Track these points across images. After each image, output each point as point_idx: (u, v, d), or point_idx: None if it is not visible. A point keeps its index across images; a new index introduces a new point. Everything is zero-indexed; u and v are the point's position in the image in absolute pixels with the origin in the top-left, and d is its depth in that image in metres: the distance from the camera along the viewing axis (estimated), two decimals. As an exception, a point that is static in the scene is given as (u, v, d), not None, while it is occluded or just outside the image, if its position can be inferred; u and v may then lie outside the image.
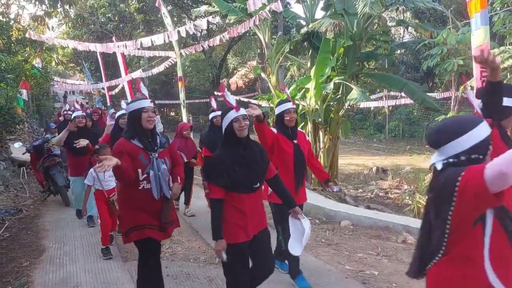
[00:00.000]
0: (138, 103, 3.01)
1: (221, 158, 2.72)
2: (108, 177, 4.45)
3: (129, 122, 3.09)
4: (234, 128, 2.71)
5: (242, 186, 2.71)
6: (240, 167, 2.69)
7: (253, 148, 2.82)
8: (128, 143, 2.95)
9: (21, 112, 12.28)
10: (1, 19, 12.25)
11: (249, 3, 7.80)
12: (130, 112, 3.04)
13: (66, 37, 23.09)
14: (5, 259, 4.60)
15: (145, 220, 2.99)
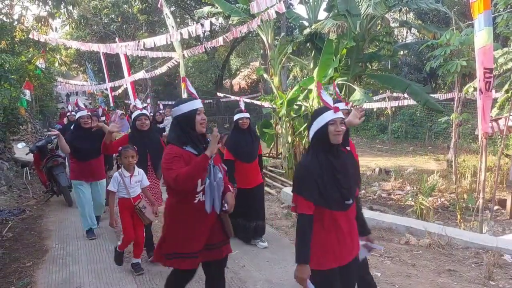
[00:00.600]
0: (189, 104, 2.67)
1: (309, 167, 2.33)
2: (135, 182, 4.02)
3: (178, 126, 2.68)
4: (329, 132, 2.32)
5: (334, 202, 2.32)
6: (332, 179, 2.31)
7: (344, 157, 2.43)
8: (181, 150, 2.59)
9: (24, 112, 12.32)
10: (4, 20, 12.31)
11: (252, 5, 7.81)
12: (180, 114, 2.66)
13: (69, 37, 23.18)
14: (8, 259, 4.61)
15: (195, 247, 2.66)
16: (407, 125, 20.96)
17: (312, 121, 2.42)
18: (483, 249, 4.52)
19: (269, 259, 4.48)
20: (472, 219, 6.68)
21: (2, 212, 6.50)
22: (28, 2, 13.74)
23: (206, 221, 2.65)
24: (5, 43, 12.00)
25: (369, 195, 9.38)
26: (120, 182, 3.96)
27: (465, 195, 8.24)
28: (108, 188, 4.07)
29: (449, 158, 12.09)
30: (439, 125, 17.44)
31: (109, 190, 4.02)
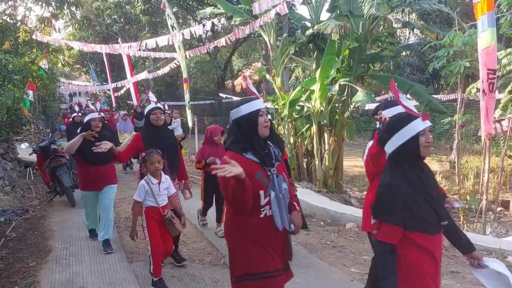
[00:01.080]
0: (251, 105, 2.32)
1: (398, 186, 2.02)
2: (163, 189, 3.72)
3: (238, 130, 2.32)
4: (420, 144, 2.04)
5: (430, 224, 2.03)
6: (424, 198, 2.03)
7: (428, 170, 2.17)
8: (240, 157, 2.21)
9: (27, 113, 12.36)
10: (8, 21, 12.37)
11: (254, 6, 7.81)
12: (241, 116, 2.32)
13: (72, 38, 23.25)
14: (12, 259, 4.63)
15: (270, 265, 2.28)
16: (409, 126, 20.89)
17: (393, 131, 2.12)
18: (486, 250, 4.51)
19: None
20: (475, 221, 6.66)
21: (6, 212, 6.53)
22: (31, 3, 13.82)
23: (276, 238, 2.30)
24: (8, 44, 12.05)
25: (371, 196, 9.36)
26: (147, 190, 3.62)
27: (468, 197, 8.22)
28: (134, 197, 3.71)
29: (452, 159, 12.06)
30: (441, 126, 17.39)
31: (134, 199, 3.69)
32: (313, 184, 9.14)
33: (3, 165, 8.93)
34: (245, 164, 2.15)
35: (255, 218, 2.25)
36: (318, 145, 9.08)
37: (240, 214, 2.27)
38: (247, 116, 2.31)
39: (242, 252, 2.31)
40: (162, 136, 4.07)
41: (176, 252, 4.29)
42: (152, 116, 4.06)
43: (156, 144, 3.86)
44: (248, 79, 2.74)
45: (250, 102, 2.34)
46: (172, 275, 4.05)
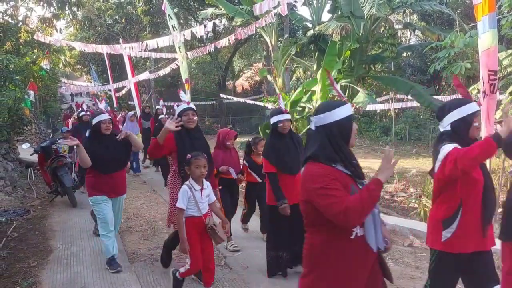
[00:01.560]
0: (345, 109, 2.02)
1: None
2: (205, 197, 3.46)
3: (327, 137, 1.99)
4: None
5: None
6: None
7: None
8: (332, 170, 1.94)
9: (28, 113, 12.38)
10: (9, 21, 12.39)
11: (255, 7, 7.83)
12: (335, 122, 1.99)
13: (74, 39, 23.28)
14: (13, 259, 4.64)
15: None
16: (410, 127, 20.90)
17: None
18: (487, 251, 4.50)
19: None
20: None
21: (7, 212, 6.54)
22: (33, 4, 13.83)
23: (366, 261, 1.98)
24: (10, 44, 12.07)
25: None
26: (190, 197, 3.34)
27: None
28: (177, 205, 3.36)
29: (452, 160, 12.04)
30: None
31: (178, 207, 3.35)
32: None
33: (4, 165, 8.95)
34: (340, 178, 1.91)
35: (345, 241, 1.91)
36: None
37: (332, 238, 1.93)
38: (342, 121, 2.00)
39: (335, 281, 1.95)
40: (195, 139, 3.80)
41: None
42: (184, 117, 3.77)
43: (189, 146, 3.63)
44: (332, 77, 2.56)
45: (344, 106, 2.02)
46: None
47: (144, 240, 5.23)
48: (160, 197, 7.55)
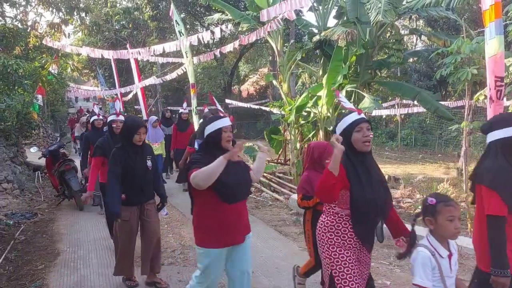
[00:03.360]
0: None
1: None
2: (454, 265, 2.29)
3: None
4: None
5: None
6: None
7: None
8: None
9: (36, 117, 12.52)
10: (19, 27, 12.56)
11: (262, 13, 7.87)
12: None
13: (81, 43, 23.51)
14: (21, 262, 4.69)
15: None
16: (416, 133, 20.83)
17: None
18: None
19: (278, 265, 4.49)
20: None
21: (15, 215, 6.61)
22: (42, 9, 14.02)
23: None
24: (19, 49, 12.23)
25: (378, 203, 9.33)
26: (434, 267, 2.18)
27: (476, 204, 8.16)
28: (417, 282, 2.20)
29: (459, 166, 11.99)
30: (449, 133, 17.33)
31: (419, 285, 2.18)
32: (319, 190, 9.13)
33: (13, 168, 9.05)
34: None
35: None
36: (324, 151, 9.08)
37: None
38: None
39: None
40: (371, 166, 2.75)
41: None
42: (357, 134, 2.91)
43: (366, 180, 2.58)
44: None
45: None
46: (180, 279, 4.08)
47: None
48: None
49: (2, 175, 8.09)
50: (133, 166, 3.72)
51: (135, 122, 3.84)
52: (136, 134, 3.72)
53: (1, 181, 7.95)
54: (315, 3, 9.95)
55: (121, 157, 3.70)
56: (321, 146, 3.61)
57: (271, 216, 6.74)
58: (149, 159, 3.87)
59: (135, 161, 3.75)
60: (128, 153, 3.73)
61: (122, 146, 3.77)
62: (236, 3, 20.47)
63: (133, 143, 3.75)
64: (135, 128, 3.74)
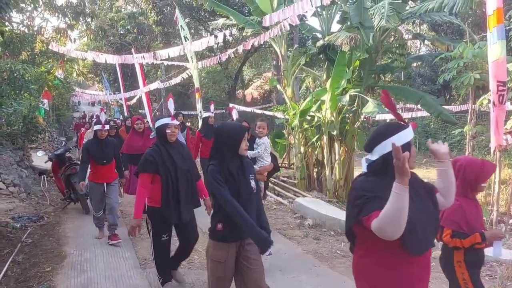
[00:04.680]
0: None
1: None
2: None
3: None
4: None
5: None
6: None
7: None
8: None
9: (42, 121, 12.63)
10: (26, 32, 12.70)
11: (265, 18, 7.94)
12: None
13: (86, 48, 23.70)
14: (28, 264, 4.75)
15: None
16: (420, 137, 20.79)
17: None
18: (497, 262, 4.50)
19: (282, 268, 4.52)
20: (486, 232, 6.62)
21: (22, 219, 6.68)
22: (48, 14, 14.16)
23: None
24: (25, 54, 12.36)
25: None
26: None
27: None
28: None
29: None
30: (453, 137, 17.30)
31: None
32: (323, 194, 9.17)
33: (19, 172, 9.14)
34: None
35: None
36: (328, 155, 9.12)
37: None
38: None
39: None
40: None
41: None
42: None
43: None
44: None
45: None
46: (185, 282, 4.12)
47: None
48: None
49: (9, 178, 8.17)
50: (237, 188, 2.70)
51: (237, 127, 2.83)
52: (242, 141, 2.72)
53: (8, 185, 8.04)
54: (319, 8, 10.01)
55: (223, 176, 2.68)
56: (476, 164, 2.82)
57: (275, 219, 6.77)
58: (252, 178, 2.82)
59: (239, 180, 2.72)
60: (230, 170, 2.71)
61: (220, 162, 2.71)
62: (240, 8, 20.60)
63: (239, 154, 2.75)
64: (240, 134, 2.73)
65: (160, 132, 3.61)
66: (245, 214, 2.58)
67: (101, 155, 5.39)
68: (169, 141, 3.58)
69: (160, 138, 3.60)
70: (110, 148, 5.49)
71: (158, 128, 3.63)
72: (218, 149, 2.75)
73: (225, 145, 2.71)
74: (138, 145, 6.30)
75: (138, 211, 3.54)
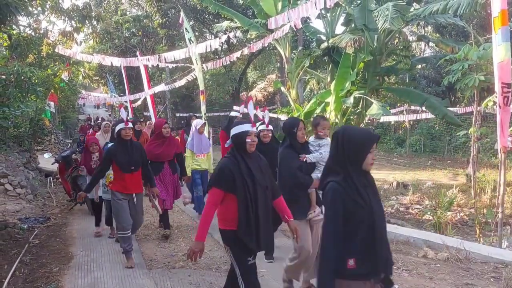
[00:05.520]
0: None
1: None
2: None
3: None
4: None
5: None
6: None
7: None
8: None
9: (48, 123, 12.74)
10: (32, 35, 12.83)
11: (270, 21, 7.99)
12: None
13: (92, 51, 23.88)
14: (36, 265, 4.80)
15: None
16: (425, 139, 20.75)
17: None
18: (502, 263, 4.50)
19: (287, 269, 4.53)
20: (491, 234, 6.61)
21: (29, 220, 6.76)
22: (54, 18, 14.29)
23: None
24: (32, 57, 12.47)
25: (386, 209, 9.34)
26: None
27: (485, 210, 8.14)
28: None
29: (468, 173, 11.94)
30: (458, 139, 17.25)
31: None
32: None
33: (26, 174, 9.22)
34: None
35: None
36: (332, 157, 9.13)
37: None
38: None
39: None
40: None
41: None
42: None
43: None
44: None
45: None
46: (190, 282, 4.15)
47: (160, 248, 5.36)
48: (176, 206, 7.68)
49: (16, 180, 8.25)
50: (370, 212, 2.14)
51: (368, 133, 2.31)
52: (370, 152, 2.22)
53: (15, 186, 8.12)
54: (323, 11, 10.06)
55: (350, 199, 2.14)
56: None
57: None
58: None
59: (370, 204, 2.16)
60: (359, 190, 2.17)
61: (344, 179, 2.17)
62: (245, 11, 20.68)
63: (363, 169, 2.26)
64: (370, 143, 2.23)
65: (238, 140, 2.96)
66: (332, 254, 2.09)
67: (128, 161, 4.53)
68: (248, 152, 2.96)
69: (238, 148, 2.97)
70: (137, 153, 4.65)
71: (237, 135, 2.97)
72: (341, 161, 2.20)
73: (350, 157, 2.18)
74: (157, 153, 5.57)
75: (203, 232, 2.92)
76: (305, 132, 3.71)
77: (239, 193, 2.87)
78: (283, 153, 3.63)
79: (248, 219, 2.87)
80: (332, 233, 2.11)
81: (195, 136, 6.46)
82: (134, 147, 4.65)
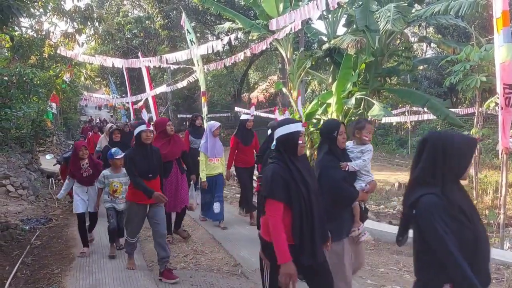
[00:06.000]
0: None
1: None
2: None
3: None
4: None
5: None
6: None
7: None
8: None
9: (50, 125, 12.77)
10: (34, 36, 12.87)
11: (272, 22, 8.00)
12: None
13: (94, 52, 23.95)
14: (37, 266, 4.81)
15: None
16: (427, 140, 20.69)
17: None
18: (504, 265, 4.49)
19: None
20: (493, 236, 6.59)
21: (30, 221, 6.76)
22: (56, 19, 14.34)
23: None
24: (34, 58, 12.52)
25: (388, 210, 9.33)
26: None
27: (487, 211, 8.13)
28: None
29: (470, 174, 11.92)
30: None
31: None
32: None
33: (28, 175, 9.24)
34: None
35: None
36: (334, 158, 9.13)
37: None
38: None
39: None
40: None
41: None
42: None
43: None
44: None
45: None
46: (192, 283, 4.15)
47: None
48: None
49: (18, 181, 8.27)
50: (474, 230, 1.87)
51: (470, 140, 2.01)
52: (469, 166, 2.00)
53: (17, 187, 8.13)
54: (325, 12, 10.06)
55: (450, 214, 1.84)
56: None
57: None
58: None
59: (473, 220, 1.90)
60: (459, 205, 1.90)
61: (441, 191, 1.88)
62: (246, 12, 20.72)
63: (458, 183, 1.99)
64: (472, 152, 1.99)
65: (289, 142, 2.60)
66: (462, 262, 1.74)
67: (146, 167, 4.14)
68: (298, 155, 2.62)
69: (287, 151, 2.59)
70: (156, 158, 4.27)
71: (287, 136, 2.61)
72: (438, 172, 1.89)
73: (449, 167, 1.88)
74: (164, 152, 4.94)
75: (285, 250, 2.44)
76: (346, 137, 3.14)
77: (294, 204, 2.49)
78: (323, 161, 3.03)
79: (304, 230, 2.51)
80: (454, 252, 1.74)
81: (209, 139, 6.10)
82: (154, 152, 4.25)
